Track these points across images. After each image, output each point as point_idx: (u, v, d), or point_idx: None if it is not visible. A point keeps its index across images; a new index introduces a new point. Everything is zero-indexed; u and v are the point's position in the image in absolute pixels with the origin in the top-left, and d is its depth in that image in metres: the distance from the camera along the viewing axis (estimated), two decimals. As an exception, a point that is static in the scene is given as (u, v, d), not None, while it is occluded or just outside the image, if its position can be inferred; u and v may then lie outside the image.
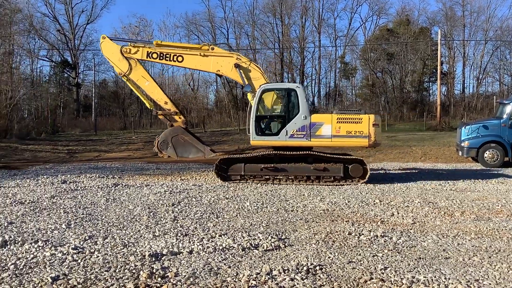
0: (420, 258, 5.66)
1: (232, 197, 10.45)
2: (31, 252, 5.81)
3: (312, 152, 13.04)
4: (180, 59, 14.17)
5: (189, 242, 6.33)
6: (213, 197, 10.40)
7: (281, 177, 13.06)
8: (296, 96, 13.26)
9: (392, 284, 4.73)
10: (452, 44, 56.37)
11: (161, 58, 14.26)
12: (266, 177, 13.03)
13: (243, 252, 5.92)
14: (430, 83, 58.61)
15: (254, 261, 5.52)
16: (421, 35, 54.75)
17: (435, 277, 4.93)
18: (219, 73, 14.58)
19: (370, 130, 13.08)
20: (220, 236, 6.66)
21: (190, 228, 7.27)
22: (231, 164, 13.21)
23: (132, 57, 14.17)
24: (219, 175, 13.17)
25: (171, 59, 14.22)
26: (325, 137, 12.99)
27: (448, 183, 13.02)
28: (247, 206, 9.26)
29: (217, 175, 13.19)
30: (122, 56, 14.12)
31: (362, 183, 12.79)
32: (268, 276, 4.91)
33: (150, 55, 14.21)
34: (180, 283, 4.73)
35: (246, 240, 6.42)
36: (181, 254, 5.78)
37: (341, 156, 13.28)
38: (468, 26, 57.17)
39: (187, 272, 5.07)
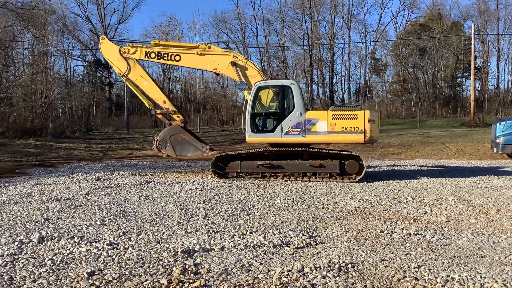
0: (454, 256, 5.56)
1: (262, 194, 10.47)
2: (67, 248, 5.94)
3: (308, 149, 13.26)
4: (177, 58, 14.36)
5: (221, 239, 6.38)
6: (244, 194, 10.44)
7: (277, 174, 13.15)
8: (291, 92, 13.21)
9: (426, 282, 4.66)
10: (486, 38, 55.14)
11: (159, 57, 14.45)
12: (262, 174, 13.13)
13: (274, 249, 5.92)
14: (464, 78, 57.51)
15: (285, 258, 5.52)
16: (453, 30, 53.70)
17: (470, 276, 4.84)
18: (216, 72, 14.54)
19: (365, 126, 12.90)
20: (251, 233, 6.69)
21: (221, 225, 7.32)
22: (228, 161, 13.35)
23: (131, 57, 14.35)
24: (216, 172, 13.35)
25: (169, 58, 14.42)
26: (321, 134, 12.96)
27: (483, 180, 12.75)
28: (278, 203, 9.27)
29: (214, 173, 13.38)
30: (121, 56, 14.33)
31: (358, 179, 12.72)
32: (300, 274, 4.90)
33: (148, 54, 14.41)
34: (213, 279, 4.77)
35: (277, 237, 6.43)
36: (212, 251, 5.83)
37: (337, 152, 13.26)
38: (503, 20, 55.84)
39: (219, 268, 5.11)
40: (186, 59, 14.36)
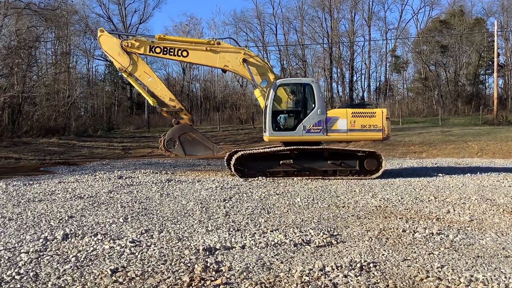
0: (478, 256, 5.49)
1: (282, 193, 10.47)
2: (91, 245, 6.02)
3: (328, 147, 13.59)
4: (184, 53, 13.79)
5: (241, 237, 6.40)
6: (264, 192, 10.45)
7: (299, 172, 13.23)
8: (312, 91, 13.25)
9: (449, 282, 4.61)
10: (509, 35, 54.06)
11: (165, 52, 13.82)
12: (285, 172, 13.12)
13: (295, 248, 5.92)
14: (486, 76, 56.62)
15: (307, 257, 5.52)
16: (476, 26, 52.86)
17: (494, 276, 4.77)
18: (226, 69, 14.11)
19: (384, 124, 13.32)
20: (272, 231, 6.69)
21: (242, 223, 7.34)
22: (251, 160, 13.26)
23: (134, 51, 13.70)
24: (239, 170, 13.14)
25: (175, 53, 13.77)
26: (341, 131, 13.17)
27: (507, 179, 12.54)
28: (298, 202, 9.26)
29: (236, 170, 13.11)
30: (123, 51, 13.67)
31: (376, 177, 12.92)
32: (321, 272, 4.89)
33: (153, 49, 13.77)
34: (234, 277, 4.79)
35: (298, 236, 6.42)
36: (234, 249, 5.85)
37: (354, 150, 13.68)
38: (527, 16, 54.67)
39: (241, 266, 5.13)
40: (194, 55, 13.91)
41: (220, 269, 5.05)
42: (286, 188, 11.22)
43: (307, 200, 9.47)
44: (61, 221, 7.56)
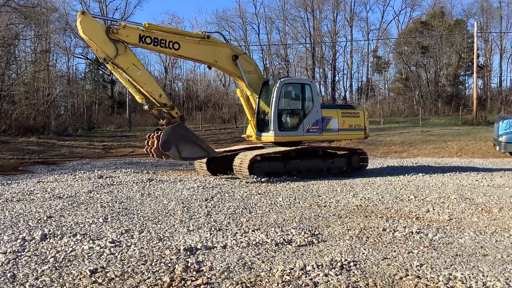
0: (457, 255, 5.56)
1: (264, 192, 10.47)
2: (70, 245, 5.95)
3: (325, 145, 14.28)
4: (176, 46, 12.41)
5: (223, 236, 6.38)
6: (246, 192, 10.45)
7: (301, 171, 13.36)
8: (311, 90, 13.39)
9: (428, 281, 4.66)
10: (489, 37, 55.06)
11: (156, 43, 12.19)
12: (288, 173, 13.10)
13: (277, 247, 5.93)
14: (466, 77, 57.45)
15: (288, 256, 5.53)
16: (456, 28, 53.61)
17: (472, 274, 4.83)
18: (213, 65, 13.28)
19: (366, 124, 14.33)
20: (253, 231, 6.69)
21: (223, 223, 7.32)
22: (259, 162, 12.95)
23: (122, 40, 11.66)
24: (253, 171, 12.49)
25: (166, 45, 12.33)
26: (333, 131, 13.75)
27: (485, 178, 12.73)
28: (280, 201, 9.27)
29: (250, 172, 12.33)
30: (108, 38, 11.48)
31: (362, 172, 14.01)
32: (302, 272, 4.91)
33: (143, 39, 12.03)
34: (215, 277, 4.78)
35: (279, 235, 6.43)
36: (215, 249, 5.84)
37: (346, 148, 14.86)
38: (505, 18, 55.82)
39: (221, 266, 5.11)
40: (186, 48, 12.60)
41: (201, 269, 5.03)
42: (268, 187, 11.23)
43: (289, 199, 9.49)
44: (39, 221, 7.46)
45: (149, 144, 12.19)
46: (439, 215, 7.95)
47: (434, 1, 61.53)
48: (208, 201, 9.33)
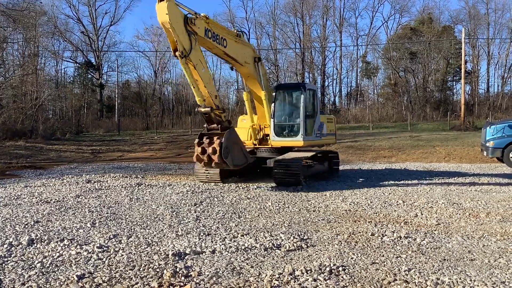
0: (444, 259, 5.59)
1: (253, 197, 10.46)
2: (57, 251, 5.90)
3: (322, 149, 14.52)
4: (224, 43, 11.57)
5: (212, 241, 6.37)
6: (235, 197, 10.43)
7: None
8: (316, 96, 13.66)
9: (416, 285, 4.68)
10: (476, 43, 55.61)
11: (214, 39, 11.14)
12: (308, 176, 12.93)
13: (266, 252, 5.92)
14: (454, 82, 57.94)
15: (277, 261, 5.52)
16: (444, 34, 54.08)
17: (460, 279, 4.87)
18: (241, 66, 12.43)
19: (335, 129, 15.42)
20: (243, 236, 6.68)
21: (212, 227, 7.31)
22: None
23: (195, 31, 10.33)
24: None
25: (220, 41, 11.40)
26: (324, 135, 14.02)
27: (473, 183, 12.82)
28: (269, 206, 9.27)
29: (299, 180, 11.96)
30: (185, 29, 10.04)
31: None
32: (291, 276, 4.91)
33: (207, 32, 10.83)
34: (203, 282, 4.76)
35: (268, 240, 6.43)
36: (204, 254, 5.82)
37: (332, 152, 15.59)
38: (493, 24, 56.38)
39: (210, 271, 5.10)
40: (230, 46, 11.81)
41: (189, 274, 5.01)
42: (257, 192, 11.22)
43: (278, 204, 9.49)
44: (26, 226, 7.39)
45: (200, 151, 10.37)
46: (427, 219, 8.00)
47: (423, 8, 62.14)
48: (197, 205, 9.30)
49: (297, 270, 5.08)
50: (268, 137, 13.32)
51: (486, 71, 58.08)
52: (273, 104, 13.27)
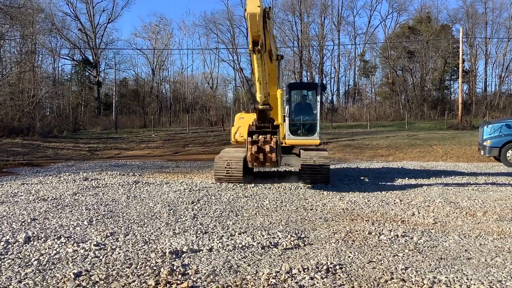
0: (441, 258, 5.60)
1: (251, 195, 10.46)
2: (54, 248, 5.89)
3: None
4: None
5: (209, 239, 6.37)
6: (232, 195, 10.43)
7: None
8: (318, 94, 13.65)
9: (413, 284, 4.69)
10: (474, 42, 55.64)
11: (270, 32, 10.53)
12: None
13: (263, 250, 5.92)
14: (451, 81, 58.01)
15: (274, 260, 5.53)
16: (442, 33, 54.12)
17: (456, 277, 4.88)
18: (271, 63, 11.67)
19: None
20: (240, 234, 6.68)
21: (209, 226, 7.30)
22: None
23: (266, 26, 9.58)
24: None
25: (271, 34, 10.82)
26: (318, 134, 13.39)
27: (470, 182, 12.85)
28: (266, 204, 9.27)
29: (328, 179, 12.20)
30: (263, 23, 9.16)
31: None
32: (288, 275, 4.91)
33: (269, 26, 10.10)
34: (200, 280, 4.76)
35: (266, 238, 6.43)
36: (201, 252, 5.82)
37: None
38: (490, 24, 56.42)
39: (207, 269, 5.10)
40: (272, 39, 11.22)
41: (186, 272, 5.01)
42: (255, 190, 11.22)
43: (276, 202, 9.49)
44: (23, 223, 7.38)
45: (255, 150, 9.76)
46: (424, 218, 8.01)
47: (421, 7, 62.17)
48: (194, 204, 9.29)
49: (294, 269, 5.09)
50: None
51: (483, 70, 58.40)
52: (285, 103, 13.15)
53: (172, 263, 5.32)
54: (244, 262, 5.42)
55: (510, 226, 7.34)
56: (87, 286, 4.59)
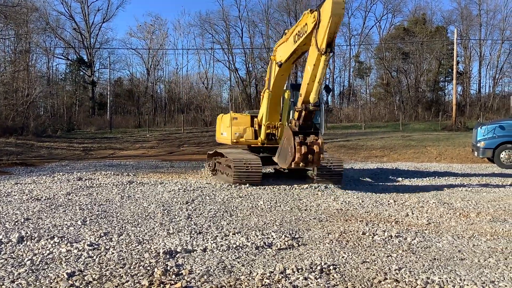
0: (435, 259, 5.62)
1: (245, 195, 10.46)
2: (47, 248, 5.87)
3: None
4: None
5: (203, 240, 6.36)
6: (227, 195, 10.42)
7: None
8: None
9: (406, 284, 4.70)
10: (468, 44, 55.89)
11: None
12: None
13: (257, 250, 5.92)
14: (446, 83, 58.24)
15: (268, 260, 5.53)
16: (436, 34, 54.31)
17: (450, 278, 4.89)
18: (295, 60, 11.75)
19: None
20: (234, 234, 6.68)
21: (204, 226, 7.30)
22: None
23: None
24: None
25: None
26: (322, 135, 13.24)
27: (464, 183, 12.90)
28: (261, 204, 9.27)
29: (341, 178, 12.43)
30: None
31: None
32: (282, 275, 4.91)
33: None
34: (194, 281, 4.75)
35: (260, 238, 6.43)
36: (195, 252, 5.81)
37: None
38: (484, 25, 56.66)
39: (201, 269, 5.09)
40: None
41: (180, 272, 5.00)
42: (249, 191, 11.22)
43: (270, 203, 9.49)
44: (16, 223, 7.34)
45: (305, 150, 9.59)
46: (418, 219, 8.04)
47: (415, 8, 62.36)
48: (188, 204, 9.28)
49: (288, 269, 5.09)
50: (273, 137, 13.09)
51: (477, 71, 58.47)
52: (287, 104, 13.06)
53: (166, 263, 5.31)
54: (238, 262, 5.42)
55: (503, 227, 7.38)
56: (80, 286, 4.58)
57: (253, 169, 12.00)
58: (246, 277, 4.87)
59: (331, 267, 5.17)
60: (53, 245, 5.99)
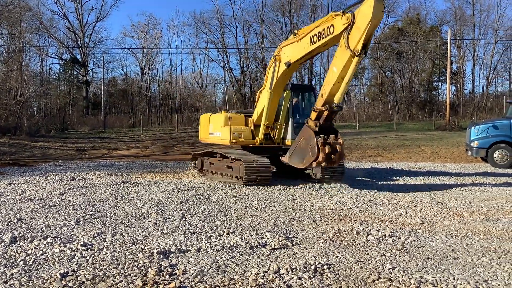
0: (428, 258, 5.64)
1: (240, 195, 10.46)
2: (40, 249, 5.84)
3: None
4: None
5: (197, 240, 6.35)
6: (221, 195, 10.41)
7: None
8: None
9: (400, 284, 4.72)
10: (462, 44, 56.12)
11: None
12: None
13: (251, 250, 5.92)
14: (440, 83, 58.48)
15: (262, 260, 5.52)
16: (430, 34, 54.51)
17: (443, 277, 4.91)
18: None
19: None
20: (228, 234, 6.67)
21: (198, 226, 7.28)
22: None
23: None
24: None
25: None
26: None
27: (457, 183, 12.95)
28: (255, 204, 9.27)
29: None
30: None
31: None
32: (276, 275, 4.91)
33: None
34: (188, 281, 4.74)
35: (254, 238, 6.43)
36: (189, 252, 5.80)
37: None
38: (478, 25, 56.91)
39: (195, 269, 5.08)
40: None
41: (174, 272, 4.99)
42: (243, 190, 11.21)
43: (264, 202, 9.49)
44: (9, 223, 7.30)
45: (329, 150, 9.66)
46: (411, 218, 8.06)
47: (409, 8, 62.53)
48: (183, 204, 9.26)
49: (282, 269, 5.09)
50: (270, 137, 13.03)
51: (471, 71, 58.71)
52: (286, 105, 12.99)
53: (160, 263, 5.30)
54: (232, 262, 5.41)
55: (496, 226, 7.41)
56: (74, 286, 4.56)
57: (264, 169, 12.06)
58: (240, 277, 4.87)
59: (325, 267, 5.17)
60: (46, 246, 5.96)
